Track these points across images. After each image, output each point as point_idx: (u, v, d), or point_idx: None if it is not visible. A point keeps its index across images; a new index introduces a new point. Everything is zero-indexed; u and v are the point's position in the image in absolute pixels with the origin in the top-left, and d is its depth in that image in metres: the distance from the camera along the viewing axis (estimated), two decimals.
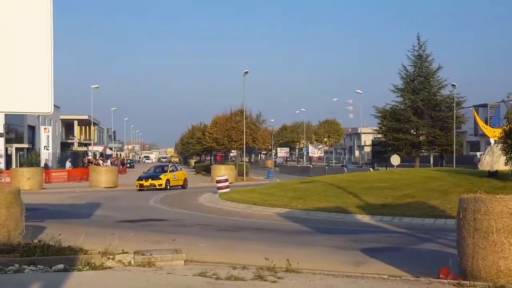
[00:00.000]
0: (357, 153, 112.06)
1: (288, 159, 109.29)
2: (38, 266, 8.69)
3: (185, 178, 41.13)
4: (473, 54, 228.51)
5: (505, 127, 22.13)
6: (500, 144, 23.11)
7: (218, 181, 31.77)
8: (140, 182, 37.43)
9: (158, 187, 36.72)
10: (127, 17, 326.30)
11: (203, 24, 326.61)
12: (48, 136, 56.29)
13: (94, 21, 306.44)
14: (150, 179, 37.43)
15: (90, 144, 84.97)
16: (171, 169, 40.30)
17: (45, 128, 57.28)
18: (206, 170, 59.64)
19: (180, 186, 39.47)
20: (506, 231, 7.93)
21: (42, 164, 50.94)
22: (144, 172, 41.57)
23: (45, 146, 55.63)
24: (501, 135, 22.51)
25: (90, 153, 78.67)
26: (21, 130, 58.03)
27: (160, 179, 37.52)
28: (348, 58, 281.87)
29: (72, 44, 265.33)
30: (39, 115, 58.96)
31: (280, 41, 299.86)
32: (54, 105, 10.25)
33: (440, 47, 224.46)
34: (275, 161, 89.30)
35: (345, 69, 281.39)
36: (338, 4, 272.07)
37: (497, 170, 24.42)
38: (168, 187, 37.47)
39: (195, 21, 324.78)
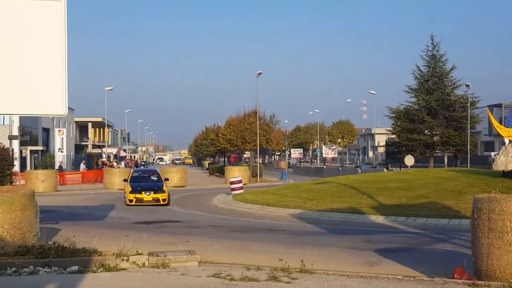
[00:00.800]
0: (371, 153, 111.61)
1: (301, 160, 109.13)
2: (53, 267, 8.71)
3: None
4: (485, 53, 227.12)
5: None
6: None
7: (231, 183, 31.84)
8: (138, 195, 26.28)
9: (162, 202, 26.36)
10: (133, 18, 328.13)
11: (212, 24, 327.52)
12: (62, 138, 56.56)
13: (104, 23, 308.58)
14: (152, 192, 26.54)
15: (104, 146, 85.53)
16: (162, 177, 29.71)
17: (59, 131, 57.58)
18: (220, 172, 59.63)
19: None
20: None
21: (57, 166, 51.32)
22: (128, 178, 28.84)
23: (59, 148, 55.91)
24: None
25: (104, 155, 79.12)
26: (35, 132, 58.50)
27: (164, 192, 26.86)
28: (361, 58, 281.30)
29: (84, 46, 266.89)
30: (53, 117, 59.43)
31: (293, 42, 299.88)
32: (68, 107, 10.31)
33: (451, 45, 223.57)
34: (289, 162, 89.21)
35: (358, 70, 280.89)
36: (348, 4, 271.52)
37: (511, 170, 24.23)
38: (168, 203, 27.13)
39: (203, 21, 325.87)
